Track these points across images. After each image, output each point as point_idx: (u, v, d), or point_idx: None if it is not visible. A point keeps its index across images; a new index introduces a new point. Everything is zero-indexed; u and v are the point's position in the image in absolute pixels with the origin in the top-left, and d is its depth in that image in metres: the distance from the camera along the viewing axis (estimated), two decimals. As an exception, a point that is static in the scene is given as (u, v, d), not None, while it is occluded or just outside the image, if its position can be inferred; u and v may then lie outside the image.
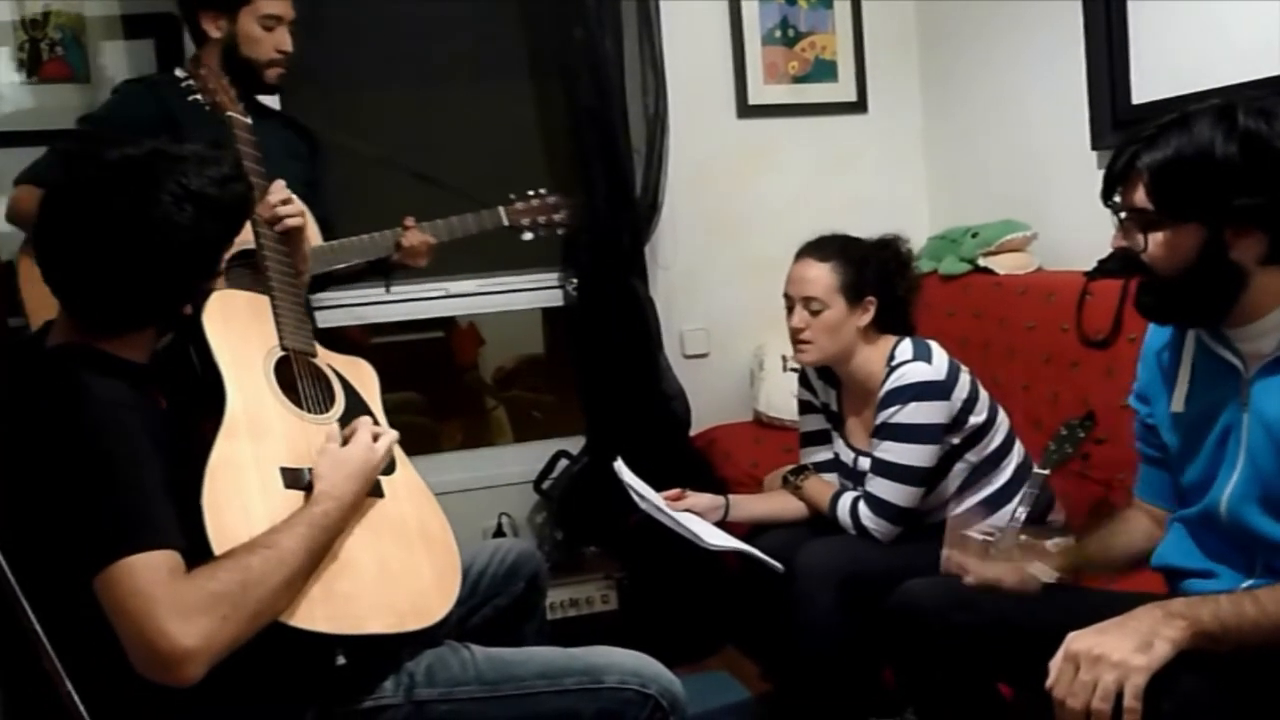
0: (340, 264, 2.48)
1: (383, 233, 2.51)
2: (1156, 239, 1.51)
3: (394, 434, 1.76)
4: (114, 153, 1.50)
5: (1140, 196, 1.50)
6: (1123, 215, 1.55)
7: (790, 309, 2.31)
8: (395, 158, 2.92)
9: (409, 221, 2.53)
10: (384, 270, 2.62)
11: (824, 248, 2.30)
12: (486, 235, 2.63)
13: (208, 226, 1.51)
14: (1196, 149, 1.44)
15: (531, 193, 2.68)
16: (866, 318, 2.28)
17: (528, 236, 2.68)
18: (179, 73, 2.19)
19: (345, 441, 1.68)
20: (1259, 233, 1.45)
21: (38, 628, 1.15)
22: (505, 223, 2.63)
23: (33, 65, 2.83)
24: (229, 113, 2.05)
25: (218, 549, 1.43)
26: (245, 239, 1.89)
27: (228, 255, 1.62)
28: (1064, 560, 1.74)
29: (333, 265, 2.46)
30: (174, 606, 1.32)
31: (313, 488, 1.58)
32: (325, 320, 2.90)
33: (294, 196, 1.96)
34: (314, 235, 2.39)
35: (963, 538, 1.84)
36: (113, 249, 1.46)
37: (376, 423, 1.80)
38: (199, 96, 2.14)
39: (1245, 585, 1.50)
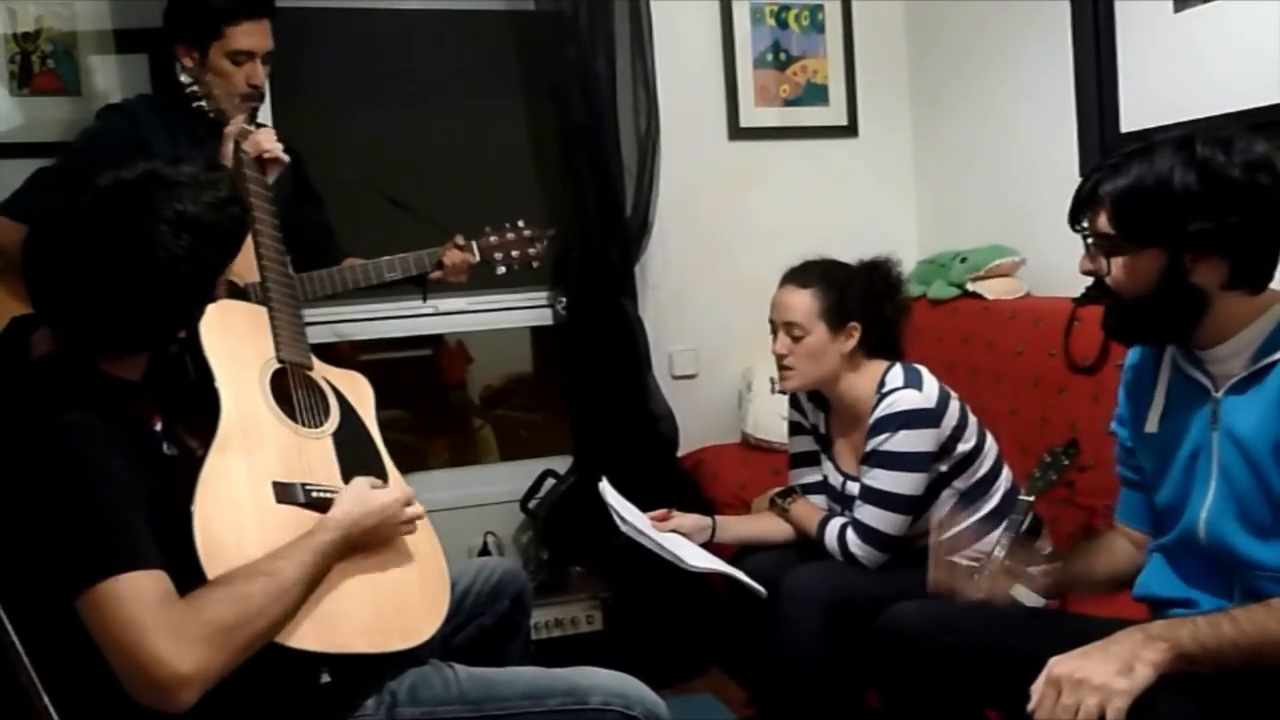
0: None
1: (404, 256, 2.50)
2: (1119, 263, 1.55)
3: (421, 510, 1.74)
4: (108, 177, 1.46)
5: (1103, 222, 1.55)
6: (1089, 240, 1.59)
7: (774, 335, 2.32)
8: (374, 181, 2.88)
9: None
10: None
11: (806, 274, 2.31)
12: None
13: (205, 253, 1.48)
14: (1156, 177, 1.49)
15: (508, 225, 2.63)
16: (850, 343, 2.28)
17: (501, 270, 2.63)
18: (184, 78, 2.18)
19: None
20: (1219, 258, 1.49)
21: (15, 641, 1.14)
22: (476, 258, 2.58)
23: (23, 77, 2.82)
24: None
25: (207, 563, 1.42)
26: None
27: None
28: (1049, 579, 1.74)
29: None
30: (168, 633, 1.31)
31: (309, 503, 1.58)
32: (313, 336, 2.87)
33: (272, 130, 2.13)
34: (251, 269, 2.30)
35: (950, 563, 1.84)
36: (108, 278, 1.43)
37: (370, 437, 1.82)
38: (204, 104, 2.14)
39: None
